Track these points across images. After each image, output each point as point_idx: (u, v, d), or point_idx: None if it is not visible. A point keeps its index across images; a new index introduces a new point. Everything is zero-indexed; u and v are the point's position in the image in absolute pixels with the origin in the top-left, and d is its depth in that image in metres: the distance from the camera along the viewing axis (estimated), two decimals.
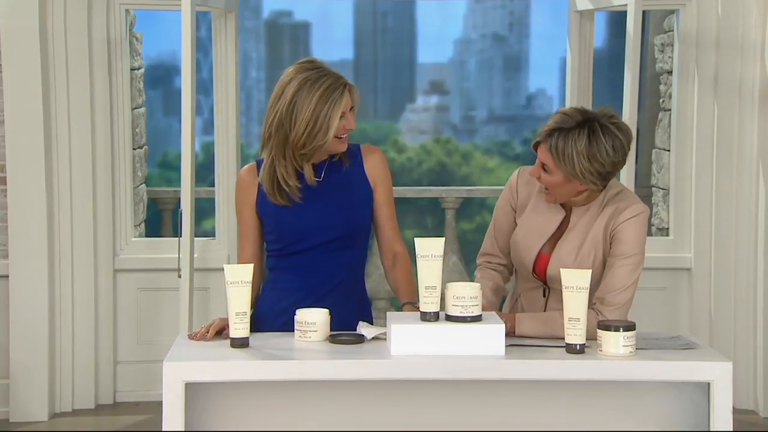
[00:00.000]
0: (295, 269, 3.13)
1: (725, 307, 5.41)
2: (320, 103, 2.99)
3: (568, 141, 2.92)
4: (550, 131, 2.96)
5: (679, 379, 2.70)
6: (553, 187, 3.00)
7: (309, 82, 3.00)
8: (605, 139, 2.93)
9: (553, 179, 2.98)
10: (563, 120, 2.96)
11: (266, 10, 15.60)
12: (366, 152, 3.17)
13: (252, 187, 3.15)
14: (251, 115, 14.57)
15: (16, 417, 5.19)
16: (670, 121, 5.66)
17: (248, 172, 3.18)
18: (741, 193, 5.37)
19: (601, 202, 3.05)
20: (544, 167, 2.99)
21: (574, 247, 3.06)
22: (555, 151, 2.93)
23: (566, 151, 2.92)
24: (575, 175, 2.93)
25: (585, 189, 3.00)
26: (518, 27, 16.50)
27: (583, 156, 2.91)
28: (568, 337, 2.74)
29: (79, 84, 5.26)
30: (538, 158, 3.02)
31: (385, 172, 3.17)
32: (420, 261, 2.78)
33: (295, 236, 3.11)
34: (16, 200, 5.17)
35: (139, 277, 5.48)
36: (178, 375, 2.65)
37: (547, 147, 2.96)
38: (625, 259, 3.00)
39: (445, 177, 14.63)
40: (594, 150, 2.92)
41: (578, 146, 2.91)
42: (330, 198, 3.11)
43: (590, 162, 2.92)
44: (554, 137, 2.95)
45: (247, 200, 3.16)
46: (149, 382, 5.42)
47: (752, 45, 5.29)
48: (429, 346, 2.71)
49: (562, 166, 2.94)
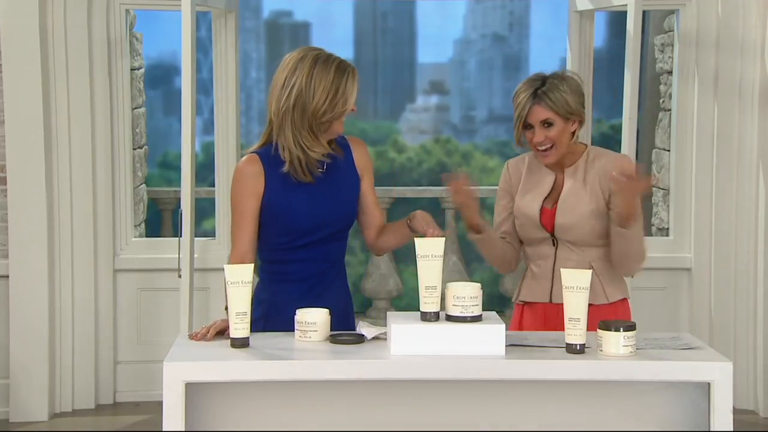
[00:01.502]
0: (294, 263, 3.17)
1: (725, 307, 5.41)
2: (338, 74, 3.10)
3: (553, 91, 3.33)
4: (532, 94, 3.34)
5: (679, 379, 2.70)
6: (556, 138, 3.34)
7: (322, 58, 3.12)
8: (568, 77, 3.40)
9: (556, 129, 3.34)
10: (532, 84, 3.36)
11: (266, 10, 15.60)
12: (353, 144, 3.29)
13: (258, 178, 3.14)
14: (251, 115, 14.57)
15: (16, 417, 5.20)
16: (670, 121, 5.66)
17: (251, 163, 3.16)
18: (741, 193, 5.37)
19: (586, 160, 3.42)
20: (546, 124, 3.33)
21: (576, 197, 3.37)
22: (551, 102, 3.32)
23: (558, 97, 3.33)
24: (571, 112, 3.34)
25: (575, 128, 3.38)
26: (518, 27, 16.49)
27: (569, 94, 3.34)
28: (568, 337, 2.75)
29: (79, 84, 5.26)
30: (535, 127, 3.34)
31: (369, 161, 3.32)
32: (420, 261, 2.78)
33: (301, 231, 3.15)
34: (16, 200, 5.18)
35: (139, 277, 5.48)
36: (179, 375, 2.65)
37: (542, 105, 3.33)
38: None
39: None
40: (573, 85, 3.37)
41: (561, 89, 3.34)
42: (332, 192, 3.18)
43: (575, 96, 3.35)
44: (539, 96, 3.33)
45: (252, 191, 3.14)
46: (149, 382, 5.42)
47: (752, 45, 5.29)
48: (429, 346, 2.71)
49: (560, 110, 3.33)
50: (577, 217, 3.36)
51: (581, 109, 3.38)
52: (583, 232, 3.36)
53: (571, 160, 3.43)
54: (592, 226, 3.35)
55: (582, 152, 3.44)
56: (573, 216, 3.36)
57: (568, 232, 3.37)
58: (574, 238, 3.37)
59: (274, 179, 3.13)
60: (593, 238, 3.37)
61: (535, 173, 3.47)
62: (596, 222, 3.35)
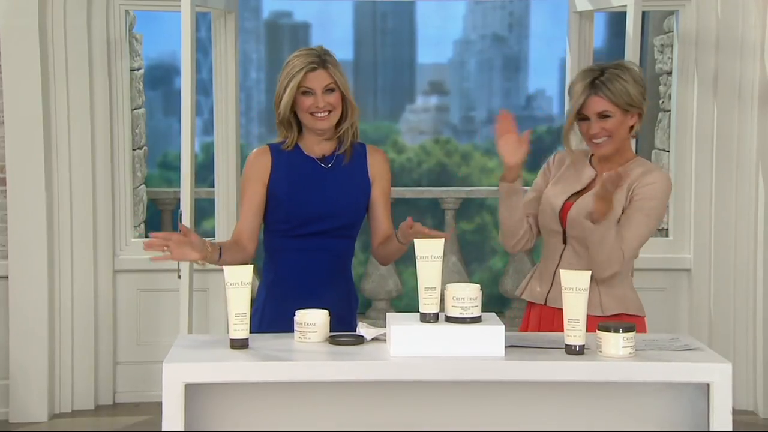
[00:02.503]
0: (299, 252, 3.31)
1: (725, 307, 5.41)
2: (285, 76, 3.27)
3: (613, 81, 3.20)
4: (589, 84, 3.21)
5: (678, 380, 2.70)
6: (613, 129, 3.22)
7: (290, 61, 3.28)
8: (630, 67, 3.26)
9: (614, 121, 3.22)
10: (590, 74, 3.24)
11: (266, 10, 15.60)
12: (370, 152, 3.41)
13: (266, 166, 3.33)
14: (251, 116, 14.57)
15: (15, 418, 5.20)
16: (669, 122, 5.66)
17: (262, 152, 3.36)
18: (741, 193, 5.37)
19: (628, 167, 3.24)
20: (606, 114, 3.21)
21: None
22: (609, 92, 3.19)
23: (617, 87, 3.19)
24: (632, 104, 3.21)
25: (634, 123, 3.25)
26: (518, 28, 16.50)
27: (630, 84, 3.20)
28: (568, 338, 2.75)
29: (78, 84, 5.26)
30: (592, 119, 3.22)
31: (385, 170, 3.41)
32: (419, 262, 2.78)
33: (302, 219, 3.29)
34: (15, 201, 5.18)
35: (138, 278, 5.48)
36: (178, 376, 2.65)
37: (600, 94, 3.20)
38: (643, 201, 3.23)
39: (444, 177, 14.62)
40: (635, 75, 3.23)
41: (623, 78, 3.20)
42: (337, 187, 3.32)
43: (638, 87, 3.22)
44: (598, 86, 3.21)
45: (258, 177, 3.32)
46: (149, 383, 5.42)
47: (752, 45, 5.30)
48: (429, 348, 2.71)
49: (619, 101, 3.20)
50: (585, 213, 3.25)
51: (642, 102, 3.24)
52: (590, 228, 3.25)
53: (615, 164, 3.30)
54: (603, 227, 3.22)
55: (630, 159, 3.32)
56: (586, 211, 3.25)
57: (578, 226, 3.27)
58: (582, 235, 3.28)
59: (280, 169, 3.32)
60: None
61: (576, 167, 3.37)
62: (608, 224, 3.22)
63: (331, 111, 3.28)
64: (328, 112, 3.27)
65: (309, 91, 3.26)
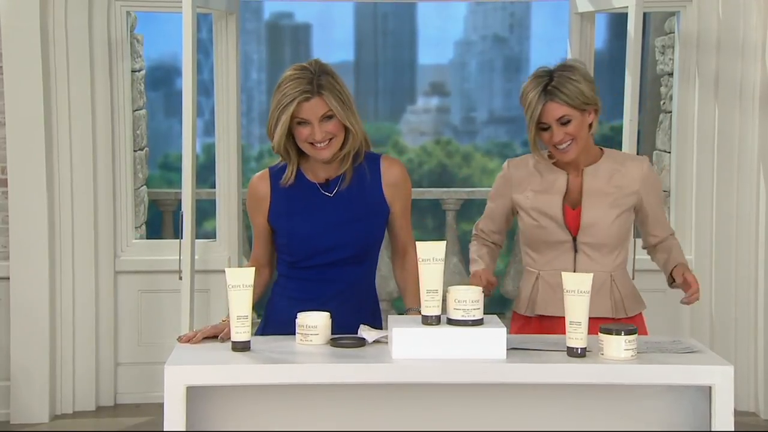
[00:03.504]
0: (305, 281, 3.14)
1: (726, 308, 5.41)
2: (276, 107, 3.01)
3: (564, 83, 3.15)
4: (542, 92, 3.16)
5: (680, 382, 2.70)
6: (576, 132, 3.18)
7: (281, 85, 3.02)
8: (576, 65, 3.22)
9: (575, 123, 3.17)
10: (539, 80, 3.18)
11: (267, 11, 15.58)
12: (385, 166, 3.14)
13: (264, 199, 3.14)
14: (252, 117, 14.56)
15: (16, 419, 5.20)
16: (670, 123, 5.66)
17: (260, 181, 3.15)
18: (742, 195, 5.37)
19: (606, 161, 3.29)
20: (563, 121, 3.17)
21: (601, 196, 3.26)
22: (565, 96, 3.14)
23: (571, 89, 3.14)
24: (587, 102, 3.17)
25: (592, 120, 3.22)
26: (519, 29, 16.48)
27: (581, 83, 3.16)
28: (570, 341, 2.74)
29: (79, 86, 5.26)
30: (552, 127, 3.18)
31: (403, 187, 3.16)
32: (421, 265, 2.77)
33: (304, 254, 3.11)
34: (17, 202, 5.18)
35: (139, 279, 5.48)
36: (180, 379, 2.64)
37: (556, 100, 3.15)
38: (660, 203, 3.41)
39: (445, 178, 14.62)
40: (583, 72, 3.19)
41: (573, 79, 3.16)
42: (342, 216, 3.09)
43: (587, 83, 3.17)
44: (551, 92, 3.15)
45: (259, 210, 3.15)
46: (150, 384, 5.42)
47: (753, 46, 5.29)
48: (430, 350, 2.70)
49: (576, 102, 3.15)
50: (602, 219, 3.25)
51: (596, 97, 3.21)
52: (609, 233, 3.25)
53: (589, 160, 3.29)
54: (617, 228, 3.27)
55: (599, 154, 3.31)
56: (599, 214, 3.25)
57: (593, 232, 3.25)
58: (597, 240, 3.26)
59: (279, 198, 3.13)
60: (615, 240, 3.28)
61: (545, 174, 3.31)
62: (620, 225, 3.28)
63: (332, 138, 3.01)
64: (328, 140, 3.01)
65: (304, 122, 3.00)
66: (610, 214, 3.26)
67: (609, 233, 3.26)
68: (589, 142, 3.27)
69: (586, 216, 3.26)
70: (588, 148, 3.28)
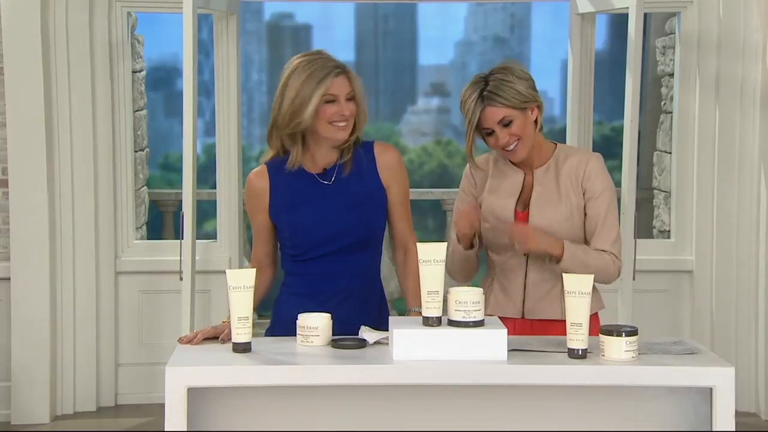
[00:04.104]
0: (311, 276, 3.14)
1: (726, 309, 5.41)
2: (306, 81, 3.00)
3: (500, 86, 3.11)
4: (479, 97, 3.12)
5: (681, 384, 2.69)
6: (520, 131, 3.14)
7: (303, 64, 3.04)
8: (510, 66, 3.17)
9: (517, 124, 3.13)
10: (476, 87, 3.15)
11: (267, 12, 15.57)
12: (379, 151, 3.17)
13: (263, 195, 3.14)
14: (253, 117, 14.55)
15: (17, 419, 5.20)
16: (671, 124, 5.66)
17: (258, 178, 3.16)
18: (742, 195, 5.36)
19: (557, 160, 3.23)
20: (506, 122, 3.13)
21: (548, 200, 3.19)
22: (502, 100, 3.10)
23: (506, 91, 3.11)
24: (526, 100, 3.12)
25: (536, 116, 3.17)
26: (519, 29, 16.48)
27: (516, 83, 3.12)
28: (571, 342, 2.74)
29: (80, 86, 5.26)
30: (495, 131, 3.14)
31: (399, 171, 3.18)
32: (422, 266, 2.77)
33: (308, 245, 3.12)
34: (17, 202, 5.18)
35: (140, 280, 5.48)
36: (181, 380, 2.64)
37: (494, 104, 3.12)
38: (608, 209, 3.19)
39: (446, 179, 14.61)
40: (517, 72, 3.14)
41: (508, 80, 3.12)
42: (342, 203, 3.11)
43: (522, 81, 3.13)
44: (488, 97, 3.11)
45: (259, 206, 3.15)
46: (151, 385, 5.42)
47: (754, 47, 5.29)
48: (431, 351, 2.70)
49: (514, 103, 3.11)
50: (551, 221, 3.17)
51: (535, 94, 3.15)
52: (559, 236, 3.15)
53: (541, 160, 3.24)
54: (567, 230, 3.17)
55: (552, 151, 3.25)
56: (546, 220, 3.17)
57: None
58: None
59: (278, 192, 3.13)
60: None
61: (502, 171, 3.26)
62: (571, 227, 3.18)
63: (350, 120, 3.05)
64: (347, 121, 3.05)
65: (332, 99, 3.02)
66: (558, 217, 3.18)
67: (559, 237, 3.16)
68: (539, 139, 3.22)
69: (533, 221, 3.18)
70: (539, 145, 3.23)
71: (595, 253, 3.15)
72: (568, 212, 3.19)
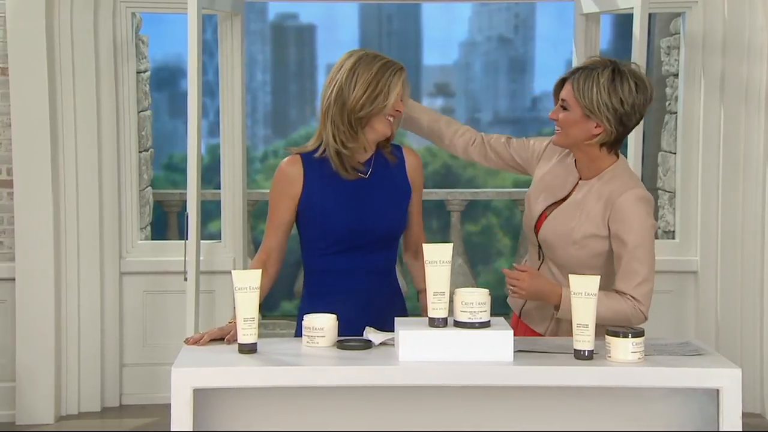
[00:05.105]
0: (337, 274, 3.16)
1: (732, 309, 5.40)
2: (381, 70, 3.08)
3: (592, 75, 2.97)
4: (576, 69, 3.04)
5: (687, 385, 2.69)
6: (567, 126, 3.03)
7: (369, 57, 3.11)
8: (629, 78, 2.99)
9: (570, 117, 3.02)
10: (591, 62, 3.03)
11: (272, 12, 15.58)
12: (407, 153, 3.26)
13: (297, 181, 3.14)
14: (257, 118, 14.57)
15: (22, 420, 5.20)
16: (676, 124, 5.65)
17: (292, 164, 3.16)
18: (747, 195, 5.36)
19: (602, 179, 3.06)
20: (564, 105, 3.03)
21: (567, 217, 3.08)
22: (577, 84, 2.99)
23: (587, 84, 2.97)
24: (593, 109, 2.97)
25: (598, 133, 3.01)
26: (524, 29, 16.49)
27: (603, 88, 2.96)
28: (577, 343, 2.74)
29: (85, 87, 5.27)
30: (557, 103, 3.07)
31: (421, 176, 3.30)
32: (428, 267, 2.77)
33: (338, 236, 3.13)
34: (22, 203, 5.18)
35: (145, 280, 5.48)
36: (187, 381, 2.64)
37: (570, 82, 3.01)
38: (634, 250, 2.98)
39: (450, 179, 14.63)
40: (616, 85, 2.97)
41: (600, 80, 2.96)
42: (376, 196, 3.15)
43: (610, 96, 2.96)
44: (579, 73, 3.01)
45: (288, 192, 3.14)
46: (155, 385, 5.42)
47: (759, 47, 5.29)
48: (437, 352, 2.70)
49: (581, 99, 2.98)
50: (558, 237, 3.08)
51: (606, 115, 2.96)
52: (564, 256, 3.08)
53: (592, 173, 3.08)
54: (575, 252, 3.06)
55: (606, 168, 3.07)
56: (555, 236, 3.08)
57: (549, 250, 3.12)
58: (556, 260, 3.11)
59: (313, 181, 3.14)
60: (575, 266, 3.03)
61: (563, 169, 3.16)
62: (580, 250, 3.05)
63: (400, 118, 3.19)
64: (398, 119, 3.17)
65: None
66: (566, 239, 3.06)
67: (565, 255, 3.07)
68: (592, 151, 3.05)
69: (542, 232, 3.13)
70: (593, 158, 3.06)
71: (608, 299, 2.96)
72: (584, 233, 3.05)
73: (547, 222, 3.13)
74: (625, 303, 2.98)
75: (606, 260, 3.07)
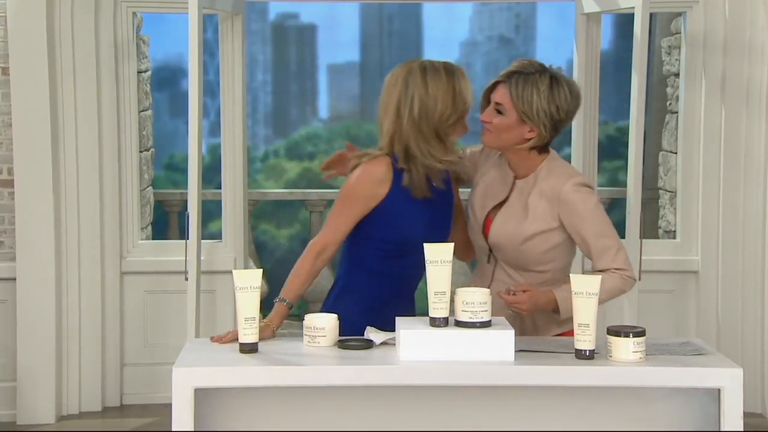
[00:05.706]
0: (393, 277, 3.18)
1: (732, 309, 5.40)
2: (449, 77, 3.10)
3: (529, 81, 3.01)
4: (510, 73, 3.06)
5: (688, 385, 2.69)
6: (500, 130, 3.06)
7: (429, 66, 3.13)
8: (564, 85, 3.04)
9: (505, 121, 3.05)
10: (524, 66, 3.06)
11: (273, 12, 15.59)
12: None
13: (385, 182, 3.12)
14: (257, 118, 14.57)
15: (23, 419, 5.20)
16: (677, 124, 5.65)
17: (386, 166, 3.12)
18: (748, 195, 5.36)
19: (537, 176, 3.11)
20: (498, 109, 3.06)
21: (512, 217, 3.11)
22: (515, 89, 3.02)
23: (527, 90, 3.00)
24: (530, 116, 3.01)
25: (530, 137, 3.05)
26: (524, 29, 16.50)
27: (543, 96, 3.00)
28: (578, 343, 2.74)
29: (86, 87, 5.27)
30: (491, 101, 3.08)
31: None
32: (429, 267, 2.77)
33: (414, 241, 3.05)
34: (23, 203, 5.18)
35: (145, 280, 5.48)
36: (188, 381, 2.64)
37: (506, 86, 3.04)
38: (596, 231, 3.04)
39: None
40: (554, 92, 3.01)
41: (540, 87, 3.00)
42: (443, 210, 3.22)
43: (549, 103, 3.01)
44: (515, 78, 3.03)
45: (374, 193, 3.12)
46: (156, 385, 5.42)
47: (760, 47, 5.28)
48: (438, 352, 2.70)
49: (519, 105, 3.02)
50: (508, 238, 3.10)
51: (543, 122, 3.02)
52: (517, 255, 3.10)
53: (526, 171, 3.13)
54: (527, 250, 3.08)
55: (538, 165, 3.12)
56: (504, 237, 3.11)
57: (500, 252, 3.13)
58: (508, 261, 3.13)
59: (398, 186, 3.12)
60: (529, 263, 3.10)
61: (497, 170, 3.20)
62: (533, 247, 3.08)
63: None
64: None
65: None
66: (515, 238, 3.10)
67: (516, 255, 3.10)
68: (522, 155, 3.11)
69: (491, 234, 3.14)
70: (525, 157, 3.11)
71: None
72: (534, 231, 3.08)
73: (495, 225, 3.14)
74: (612, 278, 3.02)
75: (559, 252, 3.12)
